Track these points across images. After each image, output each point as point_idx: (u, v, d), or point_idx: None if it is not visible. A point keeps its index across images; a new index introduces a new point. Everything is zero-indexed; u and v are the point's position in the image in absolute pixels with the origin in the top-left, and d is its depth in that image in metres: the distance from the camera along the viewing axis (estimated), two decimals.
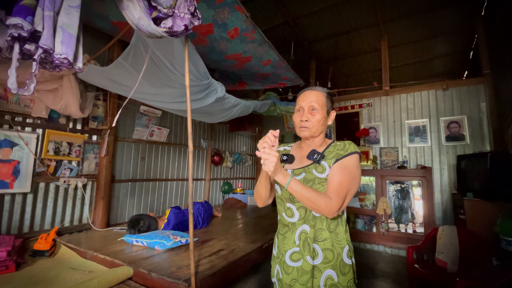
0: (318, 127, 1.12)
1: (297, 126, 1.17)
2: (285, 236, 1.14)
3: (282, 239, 1.14)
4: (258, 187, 1.15)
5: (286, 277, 1.09)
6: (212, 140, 5.08)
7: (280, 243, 1.16)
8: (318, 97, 1.13)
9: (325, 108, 1.14)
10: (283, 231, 1.16)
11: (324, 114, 1.13)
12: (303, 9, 4.50)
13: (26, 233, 2.44)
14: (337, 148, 1.11)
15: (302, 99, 1.16)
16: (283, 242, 1.14)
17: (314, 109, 1.12)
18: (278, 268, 1.15)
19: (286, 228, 1.14)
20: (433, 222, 3.79)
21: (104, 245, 2.18)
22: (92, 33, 2.90)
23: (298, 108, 1.16)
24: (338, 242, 1.07)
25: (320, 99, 1.13)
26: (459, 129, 4.03)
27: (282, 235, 1.16)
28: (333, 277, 1.02)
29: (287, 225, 1.14)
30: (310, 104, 1.12)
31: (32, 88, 0.86)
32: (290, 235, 1.12)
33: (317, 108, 1.12)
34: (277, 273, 1.15)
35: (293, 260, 1.08)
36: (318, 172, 1.08)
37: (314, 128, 1.12)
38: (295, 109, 1.18)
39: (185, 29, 1.34)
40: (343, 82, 7.11)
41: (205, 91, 2.48)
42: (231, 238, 2.48)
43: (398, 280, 3.00)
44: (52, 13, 0.85)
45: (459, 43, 5.25)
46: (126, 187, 3.43)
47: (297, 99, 1.19)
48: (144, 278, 1.66)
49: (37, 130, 2.59)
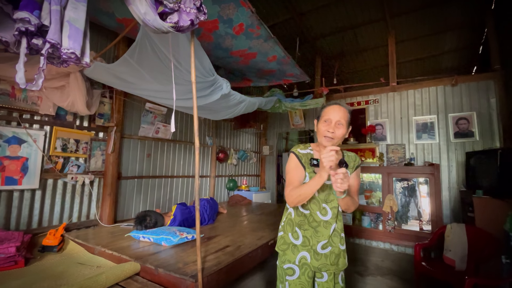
0: (340, 139, 1.30)
1: (321, 134, 1.32)
2: (316, 230, 1.33)
3: (314, 232, 1.34)
4: (307, 192, 1.21)
5: (315, 262, 1.31)
6: (217, 137, 5.09)
7: (312, 234, 1.34)
8: (345, 114, 1.30)
9: (346, 125, 1.31)
10: (313, 225, 1.35)
11: (345, 130, 1.31)
12: (308, 4, 4.45)
13: (35, 229, 2.48)
14: (351, 159, 1.41)
15: (331, 112, 1.30)
16: (316, 234, 1.33)
17: (340, 124, 1.28)
18: (305, 254, 1.33)
19: (316, 223, 1.34)
20: (441, 220, 3.74)
21: (112, 241, 2.20)
22: (97, 30, 2.91)
23: (326, 118, 1.31)
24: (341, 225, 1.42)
25: (346, 116, 1.30)
26: (468, 125, 3.96)
27: (313, 229, 1.34)
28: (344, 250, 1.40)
29: (318, 222, 1.34)
30: (339, 119, 1.28)
31: (41, 83, 0.86)
32: (323, 230, 1.33)
33: (343, 124, 1.28)
34: (301, 258, 1.33)
35: (323, 248, 1.32)
36: None
37: (336, 140, 1.29)
38: (322, 118, 1.33)
39: (191, 24, 1.33)
40: (349, 78, 7.03)
41: (210, 87, 2.47)
42: (237, 235, 2.48)
43: (405, 277, 2.98)
44: (59, 8, 0.85)
45: (468, 38, 5.13)
46: (133, 183, 3.45)
47: (326, 110, 1.33)
48: (151, 273, 1.67)
49: (44, 127, 2.62)
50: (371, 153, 4.63)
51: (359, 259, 3.62)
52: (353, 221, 4.55)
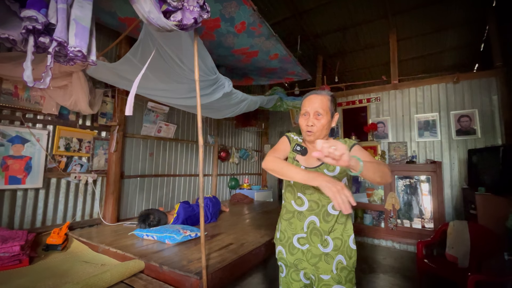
0: (323, 131, 1.19)
1: (303, 130, 1.23)
2: (290, 221, 1.25)
3: (289, 224, 1.26)
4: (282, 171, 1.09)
5: (290, 257, 1.23)
6: (218, 136, 5.10)
7: (286, 227, 1.27)
8: (323, 102, 1.18)
9: (329, 113, 1.20)
10: (286, 216, 1.27)
11: (328, 119, 1.19)
12: (310, 2, 4.44)
13: (39, 228, 2.49)
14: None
15: (307, 103, 1.21)
16: (289, 227, 1.25)
17: (319, 115, 1.17)
18: (281, 249, 1.27)
19: (291, 215, 1.25)
20: (443, 217, 3.74)
21: (115, 239, 2.21)
22: (99, 30, 2.91)
23: (303, 112, 1.22)
24: (346, 231, 1.21)
25: (325, 104, 1.19)
26: (470, 123, 3.95)
27: (286, 221, 1.27)
28: (343, 261, 1.17)
29: (292, 212, 1.25)
30: (316, 110, 1.17)
31: (48, 81, 0.87)
32: (296, 221, 1.23)
33: (322, 114, 1.17)
34: (279, 252, 1.28)
35: (300, 243, 1.22)
36: (330, 171, 1.17)
37: (318, 132, 1.18)
38: (301, 112, 1.24)
39: (194, 22, 1.33)
40: (350, 77, 7.02)
41: (212, 86, 2.47)
42: (240, 233, 2.49)
43: (408, 275, 2.99)
44: (65, 6, 0.85)
45: (470, 35, 5.12)
46: (135, 182, 3.46)
47: (303, 103, 1.24)
48: (156, 271, 1.68)
49: (48, 127, 2.63)
50: (372, 151, 4.63)
51: (361, 257, 3.63)
52: (355, 219, 4.56)
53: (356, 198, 4.38)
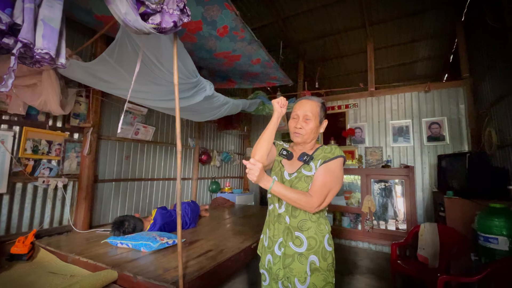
0: (310, 134, 1.24)
1: (291, 132, 1.28)
2: (275, 226, 1.25)
3: (274, 230, 1.25)
4: (264, 133, 1.22)
5: (274, 267, 1.21)
6: (199, 139, 5.02)
7: (272, 233, 1.26)
8: (312, 107, 1.24)
9: (318, 118, 1.25)
10: (273, 221, 1.26)
11: (316, 123, 1.25)
12: (292, 9, 4.52)
13: (2, 236, 2.31)
14: (324, 151, 1.23)
15: (298, 107, 1.27)
16: (274, 232, 1.24)
17: (308, 119, 1.23)
18: (270, 258, 1.24)
19: (275, 219, 1.25)
20: (415, 219, 3.92)
21: (87, 248, 2.10)
22: (74, 27, 2.77)
23: (294, 115, 1.28)
24: (320, 231, 1.19)
25: (315, 109, 1.24)
26: (439, 129, 4.19)
27: (273, 225, 1.26)
28: (316, 262, 1.14)
29: (276, 216, 1.25)
30: (305, 113, 1.23)
31: (10, 84, 0.80)
32: (278, 225, 1.23)
33: (311, 118, 1.23)
34: (268, 262, 1.25)
35: (279, 249, 1.21)
36: (306, 171, 1.22)
37: (306, 135, 1.24)
38: (291, 115, 1.29)
39: (174, 25, 1.30)
40: (330, 83, 7.20)
41: (193, 89, 2.43)
42: (220, 238, 2.46)
43: (383, 276, 3.09)
44: (32, 5, 0.80)
45: (441, 47, 5.45)
46: (110, 187, 3.32)
47: (294, 107, 1.29)
48: (130, 281, 1.61)
49: (13, 128, 2.46)
50: (350, 155, 4.77)
51: (339, 258, 3.70)
52: (334, 222, 4.66)
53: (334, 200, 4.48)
